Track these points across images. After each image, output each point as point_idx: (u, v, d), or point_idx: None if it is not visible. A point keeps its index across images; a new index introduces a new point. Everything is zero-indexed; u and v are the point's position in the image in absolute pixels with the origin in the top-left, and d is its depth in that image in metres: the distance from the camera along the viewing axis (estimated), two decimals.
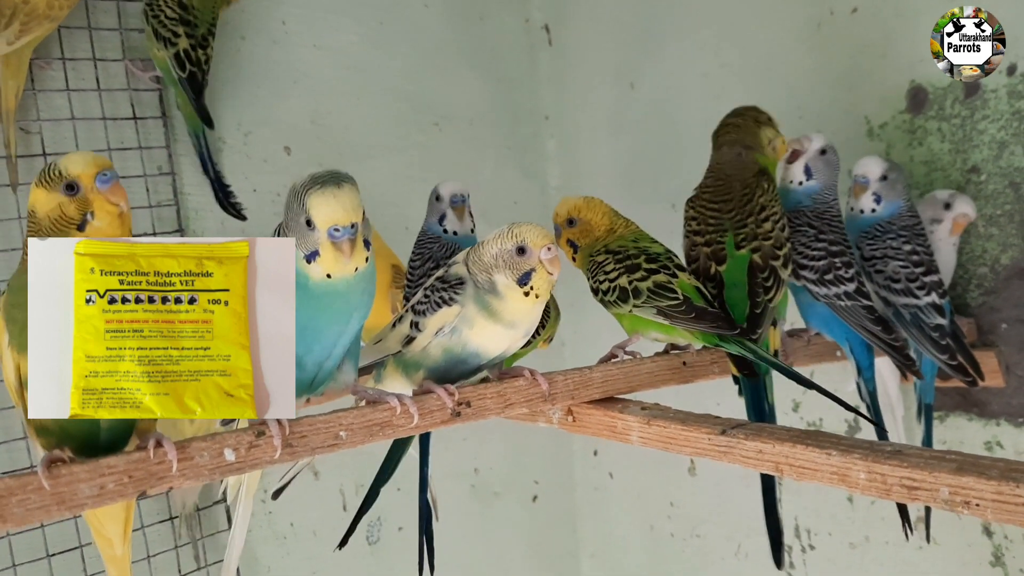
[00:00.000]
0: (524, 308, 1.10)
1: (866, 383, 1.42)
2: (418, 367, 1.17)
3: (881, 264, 1.40)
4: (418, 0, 2.05)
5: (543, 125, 2.28)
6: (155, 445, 0.89)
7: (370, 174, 1.95)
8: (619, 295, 1.29)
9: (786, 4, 1.74)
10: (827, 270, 1.37)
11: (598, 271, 1.34)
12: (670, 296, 1.26)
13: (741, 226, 1.36)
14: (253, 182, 1.81)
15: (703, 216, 1.40)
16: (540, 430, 1.54)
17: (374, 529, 1.98)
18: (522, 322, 1.12)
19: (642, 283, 1.28)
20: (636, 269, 1.29)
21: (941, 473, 0.83)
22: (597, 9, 2.12)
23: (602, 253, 1.35)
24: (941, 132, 1.55)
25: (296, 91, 1.87)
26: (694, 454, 1.07)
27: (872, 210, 1.44)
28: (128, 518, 1.12)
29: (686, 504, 2.07)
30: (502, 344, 1.14)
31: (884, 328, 1.36)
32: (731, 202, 1.39)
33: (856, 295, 1.37)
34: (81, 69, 1.59)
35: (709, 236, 1.37)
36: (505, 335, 1.12)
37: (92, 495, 0.86)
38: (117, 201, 0.98)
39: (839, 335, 1.43)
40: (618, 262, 1.32)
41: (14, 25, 1.42)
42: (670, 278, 1.28)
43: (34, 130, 1.56)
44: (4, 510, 0.82)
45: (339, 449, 1.01)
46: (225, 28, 1.76)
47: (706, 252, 1.36)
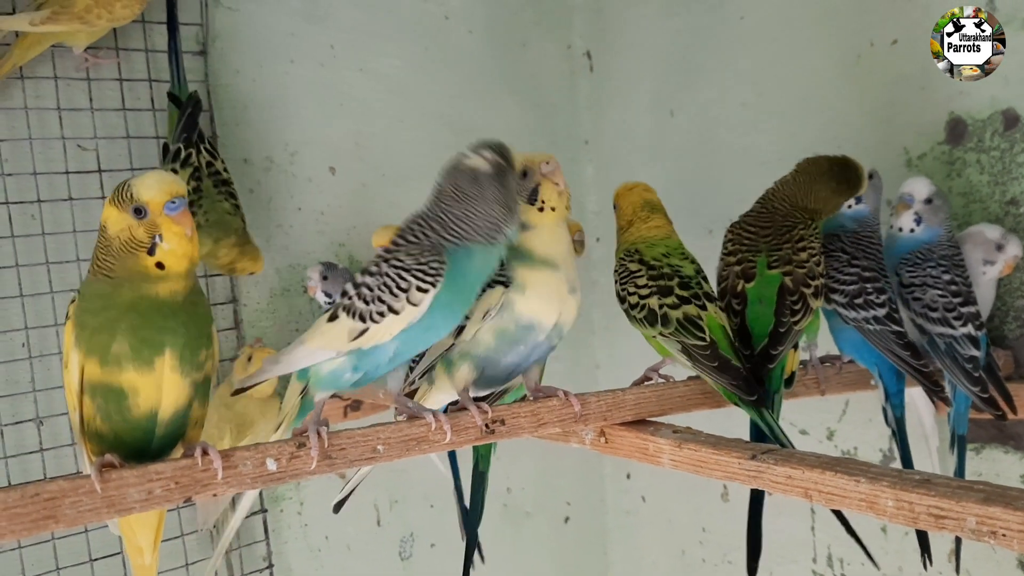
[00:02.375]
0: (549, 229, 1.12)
1: (893, 409, 1.42)
2: (464, 359, 1.15)
3: (920, 292, 1.40)
4: (462, 26, 2.09)
5: (582, 150, 2.30)
6: (201, 453, 0.92)
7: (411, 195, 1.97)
8: (647, 315, 1.28)
9: (826, 35, 1.76)
10: (857, 294, 1.38)
11: (628, 280, 1.32)
12: (697, 335, 1.24)
13: (776, 249, 1.37)
14: (298, 201, 1.85)
15: (739, 238, 1.41)
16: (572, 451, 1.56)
17: (407, 545, 2.00)
18: (559, 256, 1.12)
19: (673, 311, 1.26)
20: (669, 292, 1.28)
21: (968, 503, 0.84)
22: (639, 37, 2.15)
23: (635, 260, 1.34)
24: (980, 164, 1.55)
25: (341, 113, 1.92)
26: (724, 478, 1.08)
27: (911, 230, 1.44)
28: (159, 528, 1.14)
29: (718, 530, 2.07)
30: (553, 304, 1.12)
31: (913, 354, 1.36)
32: (770, 228, 1.40)
33: (886, 320, 1.37)
34: (137, 89, 1.65)
35: (742, 255, 1.38)
36: (554, 285, 1.11)
37: (140, 499, 0.89)
38: (183, 229, 0.98)
39: (869, 360, 1.43)
40: (652, 279, 1.30)
41: (44, 10, 1.42)
42: (700, 311, 1.26)
43: (90, 147, 1.61)
44: (57, 511, 0.86)
45: (376, 462, 1.04)
46: (276, 51, 1.82)
47: (736, 270, 1.37)
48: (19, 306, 1.52)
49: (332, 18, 1.90)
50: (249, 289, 1.79)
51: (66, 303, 1.03)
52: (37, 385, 1.54)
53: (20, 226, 1.51)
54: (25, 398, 1.53)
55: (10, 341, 1.53)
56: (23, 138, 1.54)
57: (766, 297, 1.32)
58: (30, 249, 1.52)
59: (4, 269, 1.52)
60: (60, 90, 1.57)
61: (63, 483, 0.86)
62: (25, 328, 1.53)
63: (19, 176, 1.53)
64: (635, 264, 1.33)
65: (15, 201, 1.52)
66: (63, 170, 1.57)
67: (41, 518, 0.85)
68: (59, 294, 1.54)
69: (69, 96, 1.59)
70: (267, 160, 1.82)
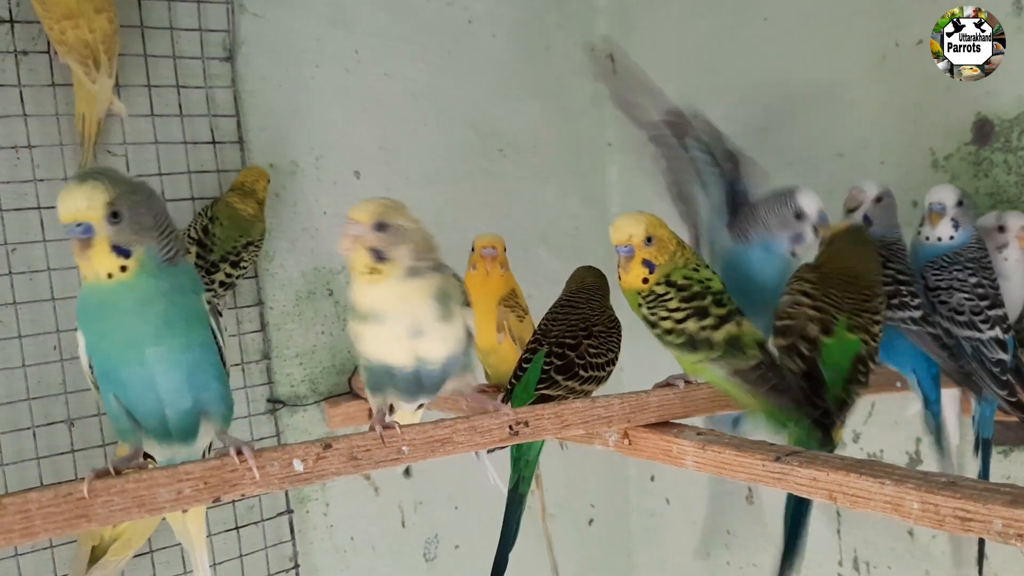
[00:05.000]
0: (360, 287, 1.04)
1: (934, 416, 1.40)
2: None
3: (946, 295, 1.39)
4: (486, 30, 2.10)
5: (606, 152, 2.31)
6: (236, 452, 0.94)
7: (436, 199, 2.01)
8: (686, 341, 1.20)
9: (850, 36, 1.75)
10: (894, 295, 1.37)
11: (657, 305, 1.23)
12: (745, 355, 1.18)
13: (856, 314, 1.26)
14: (323, 204, 1.87)
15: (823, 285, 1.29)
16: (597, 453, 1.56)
17: (431, 546, 2.01)
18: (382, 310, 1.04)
19: (715, 333, 1.19)
20: (706, 314, 1.20)
21: (995, 505, 0.83)
22: (662, 38, 2.15)
23: (662, 283, 1.24)
24: (1007, 164, 1.54)
25: (366, 117, 1.93)
26: (748, 480, 1.08)
27: (951, 237, 1.41)
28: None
29: (743, 533, 2.06)
30: (389, 350, 1.06)
31: (950, 355, 1.35)
32: (854, 290, 1.30)
33: (922, 321, 1.36)
34: (165, 95, 1.67)
35: (822, 304, 1.26)
36: (381, 336, 1.05)
37: (170, 499, 0.91)
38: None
39: (904, 364, 1.42)
40: (684, 301, 1.21)
41: (103, 60, 1.46)
42: (739, 328, 1.20)
43: (119, 153, 1.64)
44: (89, 510, 0.88)
45: (401, 463, 1.05)
46: (301, 56, 1.84)
47: (811, 314, 1.24)
48: (51, 309, 1.55)
49: (357, 23, 1.91)
50: (275, 292, 1.81)
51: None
52: (68, 387, 1.56)
53: (52, 231, 1.54)
54: (57, 400, 1.56)
55: (42, 344, 1.55)
56: (55, 144, 1.56)
57: (840, 362, 1.23)
58: (62, 253, 1.55)
59: (36, 273, 1.55)
60: None
61: (95, 483, 0.88)
62: (57, 331, 1.56)
63: (50, 182, 1.55)
64: (662, 287, 1.24)
65: (47, 206, 1.55)
66: None
67: (74, 517, 0.87)
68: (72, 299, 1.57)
69: None
70: (293, 164, 1.84)
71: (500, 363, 1.59)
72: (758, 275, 1.37)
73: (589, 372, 1.33)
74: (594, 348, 1.36)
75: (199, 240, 1.61)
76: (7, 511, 0.84)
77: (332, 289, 1.87)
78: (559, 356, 1.34)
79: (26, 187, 1.54)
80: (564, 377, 1.32)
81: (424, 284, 1.04)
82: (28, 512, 0.85)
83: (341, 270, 1.88)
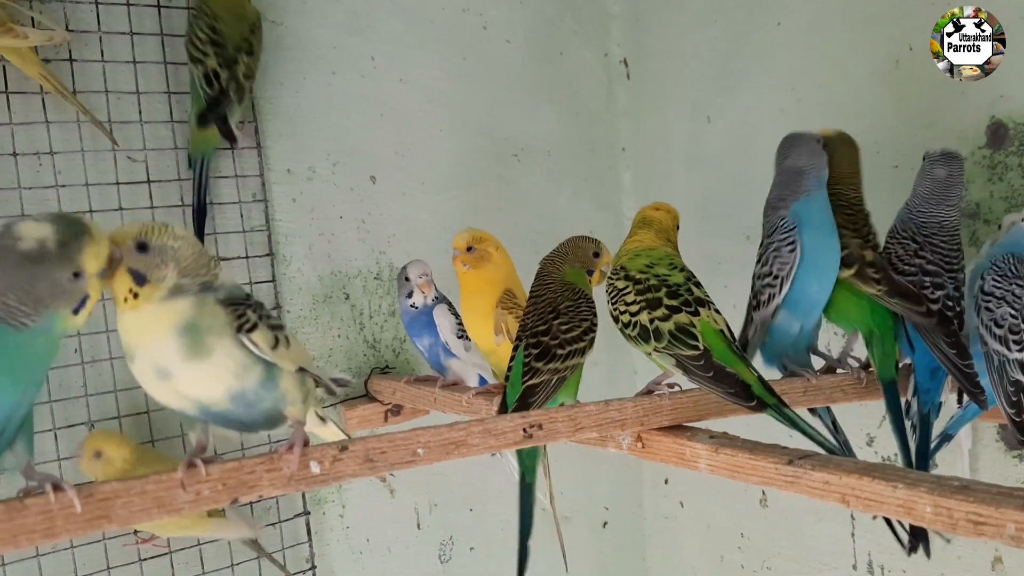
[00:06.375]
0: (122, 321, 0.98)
1: (921, 406, 1.41)
2: None
3: (994, 304, 1.37)
4: (500, 36, 2.12)
5: (620, 157, 2.32)
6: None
7: (451, 204, 2.02)
8: (640, 332, 1.26)
9: (864, 40, 1.75)
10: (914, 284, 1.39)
11: (618, 299, 1.31)
12: (690, 344, 1.22)
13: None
14: (340, 210, 1.89)
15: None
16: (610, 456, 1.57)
17: (446, 548, 2.02)
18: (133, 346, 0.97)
19: (664, 323, 1.24)
20: (657, 305, 1.26)
21: (1008, 509, 0.83)
22: (675, 44, 2.16)
23: (621, 277, 1.32)
24: (1022, 168, 1.54)
25: (382, 123, 1.95)
26: (761, 483, 1.08)
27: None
28: None
29: (757, 536, 2.06)
30: (151, 389, 0.99)
31: (960, 353, 1.35)
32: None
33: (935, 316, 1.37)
34: (185, 102, 1.69)
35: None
36: (138, 375, 0.99)
37: (189, 500, 0.93)
38: None
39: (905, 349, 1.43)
40: (639, 294, 1.28)
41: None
42: (692, 318, 1.24)
43: (139, 159, 1.66)
44: (110, 511, 0.89)
45: (416, 465, 1.06)
46: (318, 63, 1.86)
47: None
48: None
49: (373, 30, 1.93)
50: (292, 296, 1.83)
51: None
52: (89, 389, 1.59)
53: None
54: (78, 402, 1.58)
55: (64, 346, 1.57)
56: (75, 150, 1.59)
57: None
58: None
59: None
60: (111, 104, 1.62)
61: (116, 484, 0.90)
62: (78, 334, 1.58)
63: (72, 187, 1.58)
64: (622, 281, 1.31)
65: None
66: (114, 181, 1.62)
67: (95, 518, 0.89)
68: (109, 301, 1.58)
69: (120, 109, 1.64)
70: (310, 170, 1.86)
71: (500, 364, 1.60)
72: None
73: (567, 348, 1.33)
74: (565, 325, 1.36)
75: (212, 39, 1.62)
76: (29, 512, 0.86)
77: (348, 293, 1.89)
78: (535, 345, 1.35)
79: (48, 192, 1.57)
80: (544, 363, 1.32)
81: (170, 313, 0.95)
82: (50, 513, 0.87)
83: (358, 274, 1.90)
